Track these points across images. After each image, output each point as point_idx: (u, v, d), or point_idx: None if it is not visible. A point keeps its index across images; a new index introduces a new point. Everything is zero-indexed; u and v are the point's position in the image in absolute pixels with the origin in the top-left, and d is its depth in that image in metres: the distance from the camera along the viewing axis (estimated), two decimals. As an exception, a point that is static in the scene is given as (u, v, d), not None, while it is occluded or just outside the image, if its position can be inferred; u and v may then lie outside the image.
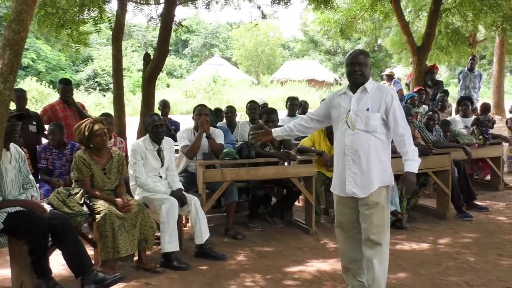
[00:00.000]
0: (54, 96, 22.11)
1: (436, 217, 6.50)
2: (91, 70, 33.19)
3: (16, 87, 6.69)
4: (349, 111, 3.63)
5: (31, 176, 4.40)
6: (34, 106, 20.16)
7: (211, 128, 5.85)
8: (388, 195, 3.71)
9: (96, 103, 25.03)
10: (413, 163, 3.64)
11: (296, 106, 8.39)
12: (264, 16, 9.21)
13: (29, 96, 21.66)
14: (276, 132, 4.13)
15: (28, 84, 25.16)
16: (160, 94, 24.53)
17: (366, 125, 3.57)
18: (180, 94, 28.97)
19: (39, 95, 23.31)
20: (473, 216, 6.48)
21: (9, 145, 4.13)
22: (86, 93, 28.62)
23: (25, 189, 4.26)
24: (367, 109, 3.58)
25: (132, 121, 9.75)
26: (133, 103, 23.39)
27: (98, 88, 30.41)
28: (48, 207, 4.23)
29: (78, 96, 25.98)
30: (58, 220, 4.09)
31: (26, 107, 6.36)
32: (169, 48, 7.76)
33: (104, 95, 27.37)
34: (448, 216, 6.41)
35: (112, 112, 7.85)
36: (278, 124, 6.37)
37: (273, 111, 6.15)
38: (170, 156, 5.29)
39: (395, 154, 3.93)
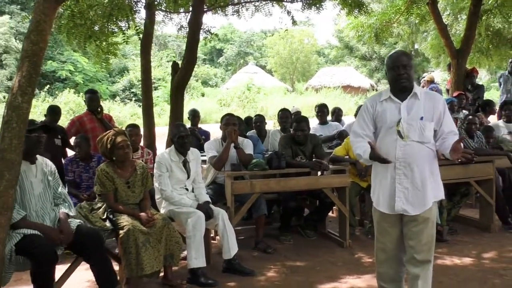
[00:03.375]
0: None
1: (479, 229, 6.15)
2: (127, 81, 33.56)
3: (55, 104, 6.73)
4: (400, 120, 3.30)
5: (62, 190, 4.17)
6: (72, 118, 20.38)
7: (240, 138, 5.65)
8: (436, 209, 3.43)
9: (132, 114, 25.24)
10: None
11: (323, 113, 8.07)
12: (294, 22, 8.96)
13: (67, 108, 21.97)
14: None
15: (66, 96, 25.60)
16: (194, 103, 24.59)
17: (421, 135, 3.26)
18: (215, 103, 28.96)
19: (77, 107, 23.60)
20: (519, 228, 6.09)
21: (35, 158, 3.96)
22: (122, 103, 28.90)
23: (56, 205, 4.06)
24: (421, 118, 3.27)
25: (167, 131, 9.64)
26: (168, 113, 23.45)
27: (134, 99, 30.67)
28: (77, 221, 4.07)
29: (115, 107, 26.31)
30: (88, 234, 3.97)
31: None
32: (204, 57, 7.68)
33: (140, 106, 27.60)
34: (492, 228, 6.06)
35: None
36: (311, 133, 6.14)
37: (303, 120, 5.91)
38: (197, 168, 5.12)
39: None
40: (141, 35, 7.90)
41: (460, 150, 3.14)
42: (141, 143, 6.38)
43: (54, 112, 6.34)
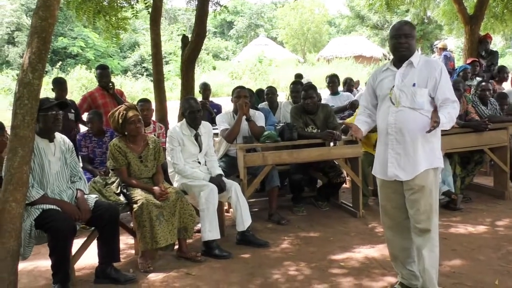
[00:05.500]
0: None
1: (493, 197, 6.13)
2: (138, 56, 33.53)
3: (59, 76, 6.73)
4: (393, 87, 3.34)
5: (79, 168, 4.21)
6: (84, 94, 20.37)
7: (252, 111, 5.63)
8: (437, 178, 3.41)
9: (144, 89, 25.28)
10: (443, 118, 3.16)
11: (334, 84, 8.03)
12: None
13: (79, 84, 22.03)
14: (360, 125, 3.60)
15: (78, 72, 25.67)
16: (206, 77, 24.52)
17: (412, 101, 3.27)
18: (227, 76, 28.89)
19: (89, 83, 23.67)
20: (534, 195, 6.05)
21: (53, 136, 3.98)
22: (133, 79, 28.94)
23: (73, 182, 4.09)
24: (413, 85, 3.29)
25: (179, 105, 9.63)
26: (179, 87, 23.40)
27: (145, 74, 30.70)
28: (94, 197, 4.12)
29: (126, 82, 26.32)
30: (105, 208, 4.02)
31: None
32: (215, 30, 7.61)
33: (152, 80, 27.61)
34: (507, 195, 6.02)
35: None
36: (322, 103, 6.10)
37: (311, 87, 5.87)
38: (209, 141, 5.12)
39: (448, 131, 3.59)
40: (150, 9, 7.84)
41: (433, 119, 3.14)
42: (153, 118, 6.39)
43: (59, 82, 6.33)
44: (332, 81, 7.94)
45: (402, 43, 3.33)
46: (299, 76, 9.28)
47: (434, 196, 3.37)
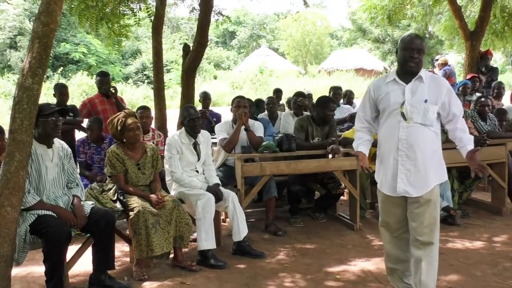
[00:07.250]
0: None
1: (491, 212, 6.11)
2: (140, 64, 33.58)
3: (60, 82, 6.76)
4: (404, 102, 3.31)
5: (76, 175, 4.20)
6: (84, 100, 20.34)
7: (251, 121, 5.64)
8: (439, 191, 3.43)
9: (144, 96, 25.26)
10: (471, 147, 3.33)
11: (339, 95, 8.06)
12: (306, 4, 8.86)
13: (80, 90, 22.02)
14: (365, 150, 3.64)
15: (79, 78, 25.68)
16: (207, 86, 24.55)
17: (424, 117, 3.27)
18: (227, 86, 28.91)
19: (90, 89, 23.66)
20: (532, 211, 6.03)
21: (52, 142, 3.96)
22: (134, 86, 28.96)
23: (70, 188, 4.07)
24: (425, 101, 3.28)
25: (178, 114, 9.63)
26: (180, 95, 23.41)
27: (146, 81, 30.73)
28: (90, 203, 4.10)
29: (127, 89, 26.34)
30: (101, 215, 4.00)
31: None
32: (217, 40, 7.66)
33: (152, 88, 27.61)
34: (504, 211, 6.01)
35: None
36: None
37: (332, 100, 6.08)
38: (207, 150, 5.12)
39: (446, 145, 3.61)
40: (152, 17, 7.88)
41: (477, 162, 3.28)
42: (152, 125, 6.38)
43: (61, 88, 6.38)
44: (336, 93, 7.96)
45: (414, 58, 3.30)
46: (277, 92, 9.33)
47: (437, 209, 3.39)
